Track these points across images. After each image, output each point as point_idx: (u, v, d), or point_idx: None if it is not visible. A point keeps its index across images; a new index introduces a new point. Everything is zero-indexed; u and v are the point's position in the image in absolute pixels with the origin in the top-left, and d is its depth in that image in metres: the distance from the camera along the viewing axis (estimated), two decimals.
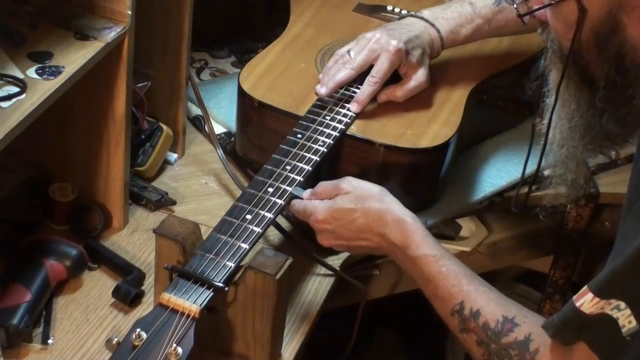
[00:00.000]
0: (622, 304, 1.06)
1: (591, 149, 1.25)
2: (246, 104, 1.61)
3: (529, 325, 1.19)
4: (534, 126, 1.37)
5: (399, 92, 1.57)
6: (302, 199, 1.39)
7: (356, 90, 1.58)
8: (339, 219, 1.35)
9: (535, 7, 1.18)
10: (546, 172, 1.38)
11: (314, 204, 1.38)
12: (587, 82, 1.18)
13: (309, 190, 1.40)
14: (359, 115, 1.56)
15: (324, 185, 1.39)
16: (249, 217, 1.33)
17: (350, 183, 1.38)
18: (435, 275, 1.27)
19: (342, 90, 1.58)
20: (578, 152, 1.26)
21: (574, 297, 1.12)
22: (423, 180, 1.59)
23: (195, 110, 1.76)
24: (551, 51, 1.22)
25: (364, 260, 1.63)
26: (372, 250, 1.39)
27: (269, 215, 1.34)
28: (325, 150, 1.46)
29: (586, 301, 1.09)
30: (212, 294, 1.22)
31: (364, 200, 1.35)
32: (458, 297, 1.24)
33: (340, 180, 1.39)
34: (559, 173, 1.34)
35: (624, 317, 1.06)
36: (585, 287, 1.11)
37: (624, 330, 1.06)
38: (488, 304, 1.22)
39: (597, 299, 1.09)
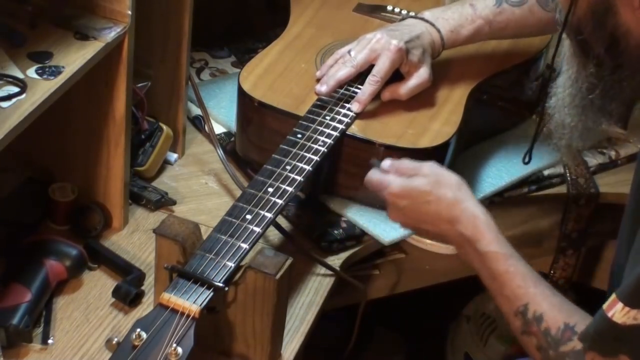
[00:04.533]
0: None
1: (584, 120, 1.26)
2: (246, 104, 1.61)
3: None
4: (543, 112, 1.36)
5: (402, 90, 1.57)
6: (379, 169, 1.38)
7: (356, 90, 1.58)
8: (413, 198, 1.34)
9: None
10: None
11: (391, 178, 1.36)
12: (584, 55, 1.19)
13: (388, 161, 1.38)
14: (359, 115, 1.56)
15: (406, 162, 1.38)
16: (249, 217, 1.33)
17: (431, 167, 1.36)
18: (502, 273, 1.25)
19: (341, 90, 1.58)
20: (569, 119, 1.27)
21: (605, 307, 1.10)
22: None
23: (195, 110, 1.76)
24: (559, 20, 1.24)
25: (364, 260, 1.63)
26: (436, 237, 1.38)
27: (269, 215, 1.34)
28: (325, 150, 1.46)
29: (617, 311, 1.08)
30: (212, 294, 1.22)
31: (440, 187, 1.33)
32: (523, 298, 1.22)
33: (423, 163, 1.37)
34: (554, 141, 1.34)
35: None
36: (613, 296, 1.09)
37: None
38: (551, 309, 1.21)
39: (627, 309, 1.07)
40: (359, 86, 1.58)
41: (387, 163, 1.38)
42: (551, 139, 1.34)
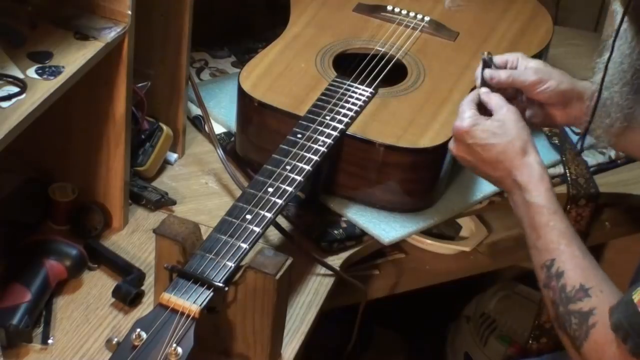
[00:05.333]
0: None
1: (632, 99, 1.27)
2: (246, 104, 1.61)
3: (598, 300, 1.20)
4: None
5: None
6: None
7: (357, 89, 1.58)
8: (480, 138, 1.35)
9: None
10: None
11: (471, 113, 1.38)
12: None
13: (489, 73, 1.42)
14: (358, 115, 1.56)
15: (497, 97, 1.40)
16: (249, 217, 1.33)
17: (510, 113, 1.37)
18: (542, 225, 1.28)
19: (341, 90, 1.58)
20: (616, 98, 1.28)
21: (636, 299, 1.12)
22: (423, 180, 1.59)
23: (195, 110, 1.76)
24: None
25: (364, 260, 1.63)
26: (491, 180, 1.39)
27: (269, 215, 1.34)
28: (325, 150, 1.46)
29: None
30: (212, 294, 1.22)
31: (511, 135, 1.35)
32: (553, 253, 1.26)
33: (508, 106, 1.39)
34: (596, 120, 1.36)
35: None
36: None
37: None
38: (574, 269, 1.24)
39: None
40: (359, 86, 1.58)
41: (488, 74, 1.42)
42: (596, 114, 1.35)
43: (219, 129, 1.74)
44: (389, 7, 1.82)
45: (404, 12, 1.81)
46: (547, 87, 1.44)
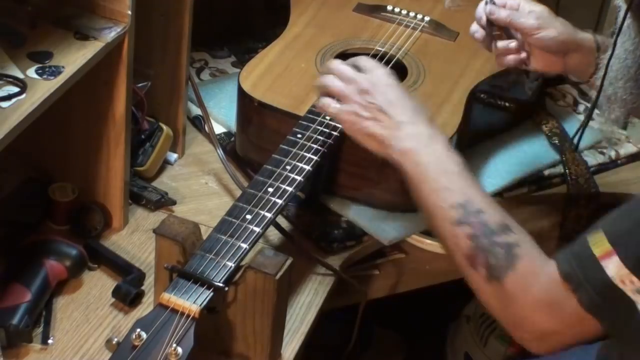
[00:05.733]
0: None
1: (635, 94, 1.26)
2: (246, 104, 1.61)
3: (521, 235, 1.23)
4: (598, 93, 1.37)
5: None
6: None
7: None
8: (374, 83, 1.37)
9: None
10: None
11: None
12: None
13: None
14: None
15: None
16: (249, 217, 1.33)
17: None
18: (455, 172, 1.29)
19: None
20: (620, 93, 1.28)
21: (597, 252, 1.13)
22: None
23: (195, 110, 1.76)
24: None
25: (364, 260, 1.63)
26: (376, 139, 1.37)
27: (269, 215, 1.34)
28: (325, 150, 1.46)
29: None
30: (212, 294, 1.22)
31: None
32: (467, 195, 1.27)
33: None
34: (605, 114, 1.36)
35: None
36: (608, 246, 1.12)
37: None
38: (493, 209, 1.26)
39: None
40: None
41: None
42: (601, 111, 1.35)
43: (219, 129, 1.74)
44: (389, 7, 1.82)
45: (404, 12, 1.81)
46: (546, 35, 1.43)
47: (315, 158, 1.44)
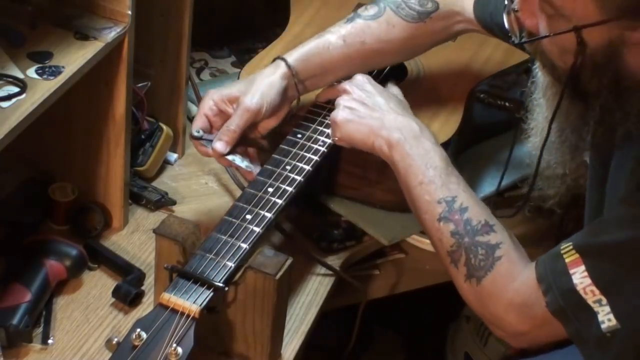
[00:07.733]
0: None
1: (575, 165, 1.28)
2: None
3: (503, 236, 1.26)
4: (519, 120, 1.37)
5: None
6: None
7: None
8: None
9: (531, 38, 1.17)
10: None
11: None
12: (581, 98, 1.18)
13: None
14: None
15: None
16: (249, 217, 1.33)
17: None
18: (443, 168, 1.33)
19: None
20: (560, 168, 1.29)
21: (567, 259, 1.17)
22: None
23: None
24: (540, 60, 1.22)
25: (364, 260, 1.63)
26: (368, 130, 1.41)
27: (269, 215, 1.34)
28: (325, 150, 1.46)
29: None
30: (212, 294, 1.22)
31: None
32: (453, 192, 1.30)
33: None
34: (544, 184, 1.37)
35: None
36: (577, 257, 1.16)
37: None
38: (477, 207, 1.29)
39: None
40: None
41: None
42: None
43: None
44: None
45: None
46: (260, 114, 1.45)
47: (315, 158, 1.45)
